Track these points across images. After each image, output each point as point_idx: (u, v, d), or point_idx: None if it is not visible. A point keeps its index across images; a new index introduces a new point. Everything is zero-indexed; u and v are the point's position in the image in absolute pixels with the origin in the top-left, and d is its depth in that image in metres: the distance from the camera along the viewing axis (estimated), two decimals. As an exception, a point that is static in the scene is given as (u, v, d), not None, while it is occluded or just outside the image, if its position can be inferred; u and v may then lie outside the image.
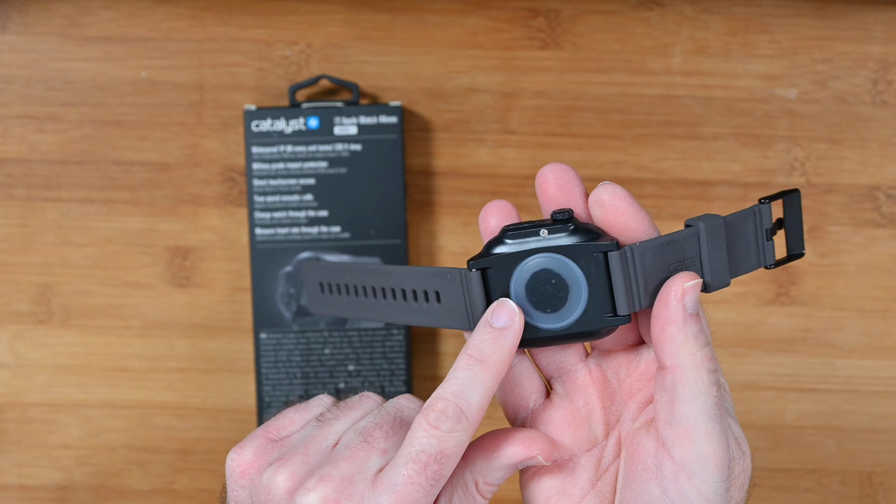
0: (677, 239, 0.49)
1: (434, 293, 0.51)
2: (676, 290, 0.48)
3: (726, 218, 0.50)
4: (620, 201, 0.49)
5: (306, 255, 0.78)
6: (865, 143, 0.80)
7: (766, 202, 0.51)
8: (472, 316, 0.51)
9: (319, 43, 0.80)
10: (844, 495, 0.81)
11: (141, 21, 0.80)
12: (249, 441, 0.52)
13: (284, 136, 0.78)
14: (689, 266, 0.49)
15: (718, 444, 0.48)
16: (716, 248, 0.50)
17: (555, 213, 0.50)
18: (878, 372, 0.81)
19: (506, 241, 0.50)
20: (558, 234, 0.49)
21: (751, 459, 0.51)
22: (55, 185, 0.80)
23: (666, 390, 0.49)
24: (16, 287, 0.80)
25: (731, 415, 0.51)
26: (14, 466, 0.81)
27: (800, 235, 0.52)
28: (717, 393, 0.48)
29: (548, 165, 0.51)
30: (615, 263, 0.49)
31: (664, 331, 0.48)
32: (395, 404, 0.52)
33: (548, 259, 0.50)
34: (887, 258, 0.81)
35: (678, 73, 0.80)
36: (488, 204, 0.52)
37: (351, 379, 0.79)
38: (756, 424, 0.81)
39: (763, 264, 0.51)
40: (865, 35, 0.80)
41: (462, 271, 0.50)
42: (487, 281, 0.50)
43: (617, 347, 0.53)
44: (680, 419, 0.48)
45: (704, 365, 0.48)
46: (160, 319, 0.80)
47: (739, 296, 0.81)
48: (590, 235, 0.49)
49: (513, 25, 0.80)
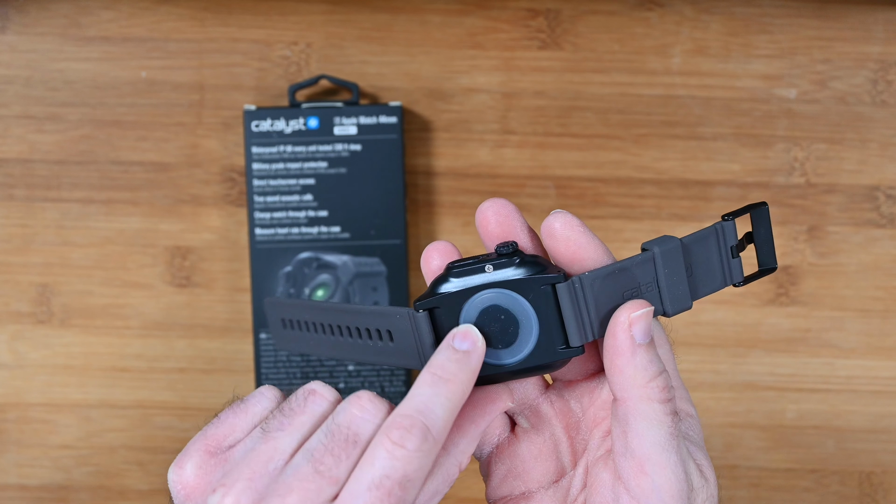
0: (628, 266, 0.48)
1: (386, 332, 0.50)
2: (623, 320, 0.47)
3: (684, 239, 0.49)
4: (572, 231, 0.49)
5: (306, 255, 0.79)
6: (865, 143, 0.80)
7: (729, 219, 0.50)
8: (423, 355, 0.50)
9: (319, 43, 0.80)
10: (844, 495, 0.81)
11: (141, 21, 0.80)
12: (188, 457, 0.48)
13: (284, 136, 0.78)
14: (646, 291, 0.49)
15: (674, 475, 0.47)
16: (673, 271, 0.49)
17: (499, 247, 0.49)
18: (877, 372, 0.81)
19: (451, 279, 0.49)
20: (504, 268, 0.49)
21: (716, 486, 0.50)
22: (55, 185, 0.80)
23: (619, 422, 0.48)
24: (16, 287, 0.80)
25: (696, 442, 0.50)
26: (14, 466, 0.81)
27: (770, 250, 0.51)
28: (672, 423, 0.48)
29: (486, 202, 0.50)
30: (564, 295, 0.48)
31: (613, 363, 0.48)
32: (347, 416, 0.47)
33: (496, 295, 0.49)
34: (887, 258, 0.81)
35: (678, 73, 0.80)
36: (428, 247, 0.51)
37: (351, 379, 0.79)
38: (756, 424, 0.81)
39: (730, 282, 0.50)
40: (865, 35, 0.80)
41: (410, 311, 0.49)
42: (436, 320, 0.49)
43: (578, 377, 0.52)
44: (633, 451, 0.48)
45: (656, 396, 0.47)
46: (160, 319, 0.80)
47: (739, 296, 0.81)
48: (536, 268, 0.48)
49: (513, 25, 0.80)
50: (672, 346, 0.52)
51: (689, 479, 0.48)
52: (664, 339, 0.51)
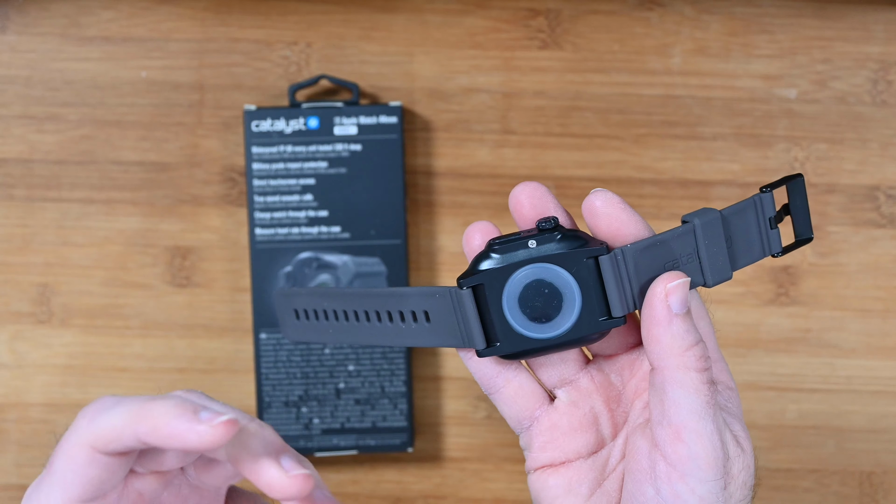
0: (669, 238, 0.49)
1: (423, 313, 0.51)
2: (660, 291, 0.48)
3: (723, 211, 0.50)
4: (613, 208, 0.49)
5: (306, 255, 0.79)
6: (865, 143, 0.80)
7: (767, 190, 0.51)
8: (465, 333, 0.50)
9: (319, 43, 0.80)
10: (844, 495, 0.81)
11: (141, 21, 0.80)
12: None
13: (284, 136, 0.78)
14: (687, 263, 0.49)
15: (710, 443, 0.48)
16: (714, 242, 0.49)
17: (540, 223, 0.49)
18: (878, 372, 0.81)
19: (492, 255, 0.49)
20: (547, 243, 0.49)
21: (753, 457, 0.50)
22: (55, 185, 0.80)
23: (656, 391, 0.49)
24: (16, 287, 0.80)
25: (733, 413, 0.51)
26: (14, 466, 0.81)
27: (806, 220, 0.52)
28: (708, 391, 0.48)
29: (518, 186, 0.50)
30: (606, 267, 0.49)
31: (650, 332, 0.48)
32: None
33: (539, 269, 0.49)
34: (887, 258, 0.81)
35: (678, 73, 0.80)
36: (470, 227, 0.51)
37: (351, 379, 0.79)
38: (756, 424, 0.81)
39: (768, 253, 0.51)
40: (865, 35, 0.80)
41: (452, 290, 0.49)
42: (479, 297, 0.49)
43: (618, 351, 0.53)
44: (670, 419, 0.48)
45: (692, 364, 0.48)
46: (160, 319, 0.80)
47: (739, 296, 0.81)
48: (578, 241, 0.49)
49: (513, 25, 0.80)
50: (713, 321, 0.52)
51: (724, 447, 0.49)
52: (704, 313, 0.52)
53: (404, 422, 0.79)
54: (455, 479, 0.82)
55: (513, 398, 0.52)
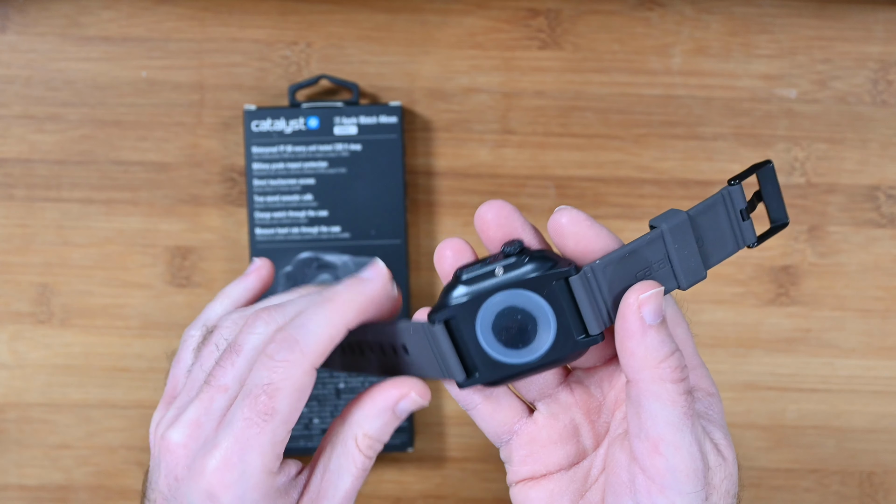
0: (638, 247, 0.48)
1: (401, 347, 0.50)
2: (633, 302, 0.47)
3: (690, 212, 0.49)
4: (580, 226, 0.49)
5: (306, 255, 0.79)
6: (865, 143, 0.80)
7: (735, 183, 0.49)
8: (443, 366, 0.49)
9: (319, 43, 0.80)
10: (844, 495, 0.81)
11: (141, 21, 0.80)
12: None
13: (284, 136, 0.78)
14: (659, 269, 0.49)
15: (688, 455, 0.47)
16: (684, 245, 0.49)
17: (505, 247, 0.49)
18: (878, 372, 0.81)
19: (461, 286, 0.49)
20: (514, 268, 0.48)
21: (736, 464, 0.50)
22: (55, 185, 0.80)
23: (633, 403, 0.48)
24: (16, 287, 0.80)
25: (715, 420, 0.50)
26: (14, 466, 0.81)
27: (780, 205, 0.51)
28: (685, 402, 0.47)
29: (483, 205, 0.50)
30: (578, 286, 0.48)
31: (624, 345, 0.48)
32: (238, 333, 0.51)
33: (509, 295, 0.48)
34: (887, 258, 0.81)
35: (678, 73, 0.80)
36: (440, 245, 0.51)
37: (350, 379, 0.79)
38: (756, 424, 0.81)
39: (742, 245, 0.50)
40: (865, 35, 0.80)
41: (424, 325, 0.49)
42: (452, 330, 0.49)
43: (597, 363, 0.52)
44: (647, 432, 0.48)
45: (668, 376, 0.47)
46: (160, 319, 0.80)
47: (739, 296, 0.81)
48: (547, 263, 0.48)
49: (513, 25, 0.80)
50: (690, 324, 0.52)
51: (704, 458, 0.48)
52: (680, 318, 0.51)
53: (405, 422, 0.79)
54: (455, 480, 0.82)
55: (491, 414, 0.52)
